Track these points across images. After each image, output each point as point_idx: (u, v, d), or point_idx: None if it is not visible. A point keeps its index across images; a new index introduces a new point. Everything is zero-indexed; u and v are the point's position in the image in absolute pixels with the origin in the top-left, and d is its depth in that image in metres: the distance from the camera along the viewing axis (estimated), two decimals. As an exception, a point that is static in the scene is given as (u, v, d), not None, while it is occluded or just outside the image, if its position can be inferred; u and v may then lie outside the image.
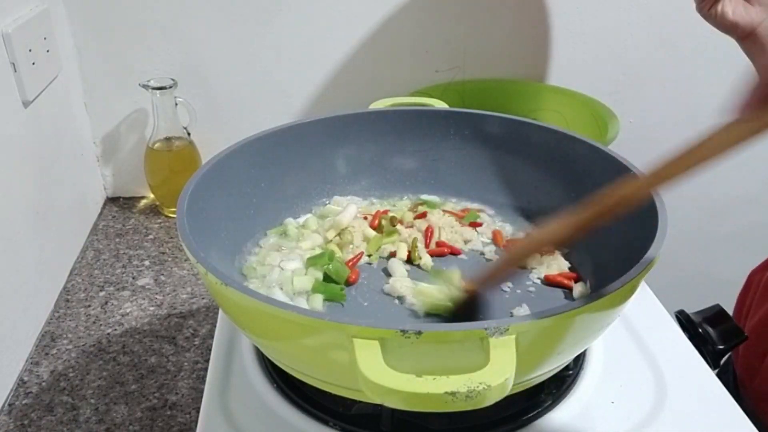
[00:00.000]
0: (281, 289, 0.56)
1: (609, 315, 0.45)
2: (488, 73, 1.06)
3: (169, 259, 0.91)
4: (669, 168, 0.41)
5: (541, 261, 0.60)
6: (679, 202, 0.79)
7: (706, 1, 0.67)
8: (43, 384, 0.70)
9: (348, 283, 0.58)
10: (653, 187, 0.44)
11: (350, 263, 0.60)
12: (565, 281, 0.58)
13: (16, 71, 0.75)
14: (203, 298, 0.83)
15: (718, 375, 0.56)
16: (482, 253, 0.63)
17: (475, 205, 0.69)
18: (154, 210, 1.04)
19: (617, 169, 0.57)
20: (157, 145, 0.96)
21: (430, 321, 0.53)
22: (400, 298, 0.56)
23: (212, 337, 0.58)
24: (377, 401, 0.38)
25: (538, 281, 0.59)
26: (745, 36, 0.70)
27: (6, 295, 0.70)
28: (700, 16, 0.70)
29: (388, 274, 0.60)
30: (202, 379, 0.65)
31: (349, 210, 0.65)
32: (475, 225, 0.66)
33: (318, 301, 0.55)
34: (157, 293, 0.84)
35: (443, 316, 0.52)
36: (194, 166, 0.97)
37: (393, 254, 0.62)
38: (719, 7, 0.67)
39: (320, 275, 0.58)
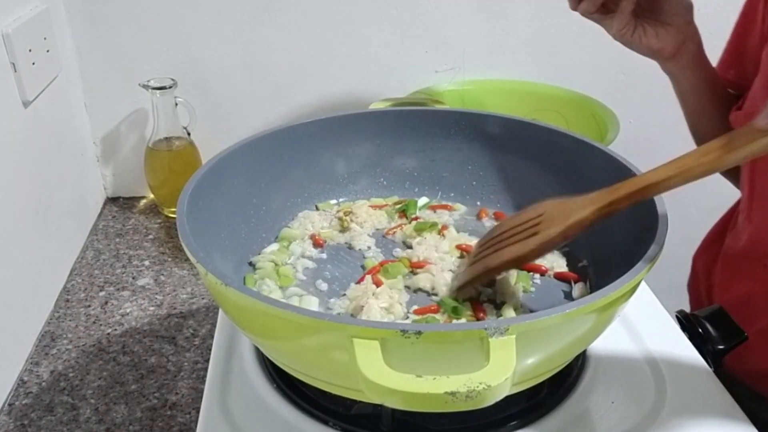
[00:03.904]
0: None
1: (609, 315, 0.45)
2: (488, 73, 1.06)
3: (169, 259, 0.91)
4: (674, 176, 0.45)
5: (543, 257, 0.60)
6: (679, 202, 0.79)
7: (626, 28, 0.68)
8: (43, 384, 0.70)
9: None
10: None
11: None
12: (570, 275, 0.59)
13: (16, 71, 0.75)
14: (203, 298, 0.83)
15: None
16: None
17: (475, 205, 0.69)
18: (154, 210, 1.04)
19: (617, 169, 0.57)
20: (157, 145, 0.96)
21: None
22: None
23: (212, 337, 0.58)
24: (377, 401, 0.38)
25: (539, 281, 0.59)
26: (669, 57, 0.70)
27: (6, 295, 0.70)
28: (621, 43, 0.70)
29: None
30: (202, 379, 0.65)
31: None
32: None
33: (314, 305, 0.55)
34: (157, 293, 0.84)
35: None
36: (194, 166, 0.97)
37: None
38: (641, 33, 0.68)
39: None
